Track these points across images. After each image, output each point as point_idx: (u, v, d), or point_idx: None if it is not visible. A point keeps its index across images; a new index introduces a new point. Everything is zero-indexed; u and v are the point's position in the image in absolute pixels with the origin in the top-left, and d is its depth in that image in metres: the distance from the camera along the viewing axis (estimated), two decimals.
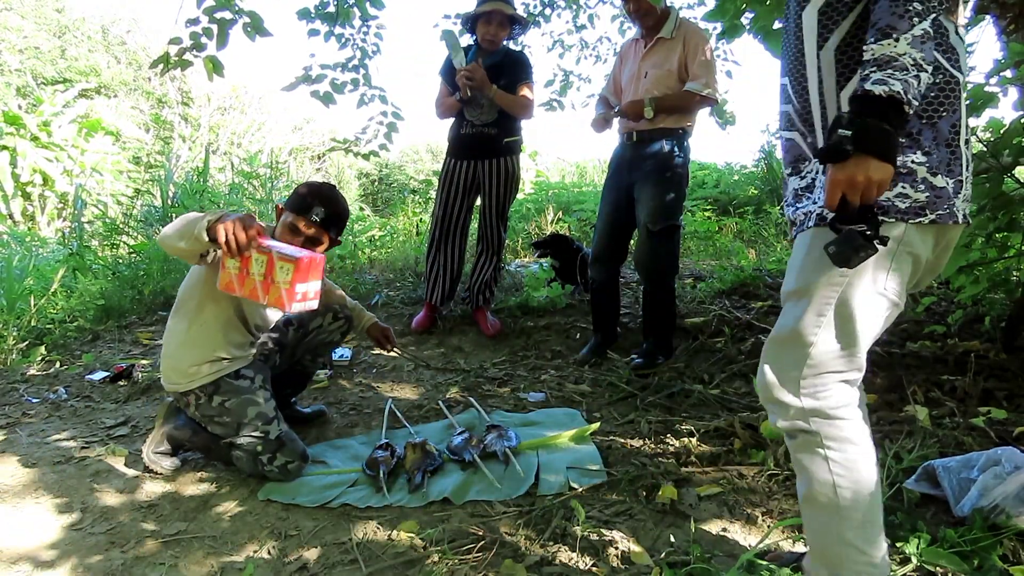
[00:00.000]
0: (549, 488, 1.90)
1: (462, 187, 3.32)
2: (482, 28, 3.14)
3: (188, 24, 3.03)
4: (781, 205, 5.94)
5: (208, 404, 2.00)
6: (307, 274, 1.59)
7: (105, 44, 16.40)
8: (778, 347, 1.14)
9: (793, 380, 1.10)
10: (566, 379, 2.84)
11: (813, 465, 1.12)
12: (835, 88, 1.08)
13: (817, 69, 1.11)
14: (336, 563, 1.61)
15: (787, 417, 1.13)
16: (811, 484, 1.14)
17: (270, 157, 8.61)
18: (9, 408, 2.72)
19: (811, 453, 1.12)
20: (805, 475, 1.15)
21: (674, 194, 2.77)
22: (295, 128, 17.98)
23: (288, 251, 1.59)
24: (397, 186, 14.76)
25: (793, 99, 1.18)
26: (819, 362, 1.09)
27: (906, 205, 1.02)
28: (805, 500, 1.17)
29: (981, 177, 2.15)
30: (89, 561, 1.65)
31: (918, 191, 1.02)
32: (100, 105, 12.28)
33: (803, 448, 1.13)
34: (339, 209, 1.98)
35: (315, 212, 1.90)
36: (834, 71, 1.08)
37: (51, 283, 4.12)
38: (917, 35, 0.93)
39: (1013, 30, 2.46)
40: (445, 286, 3.45)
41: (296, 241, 1.90)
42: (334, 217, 1.95)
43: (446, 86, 3.27)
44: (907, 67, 0.92)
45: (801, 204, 1.17)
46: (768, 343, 1.17)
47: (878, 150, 0.92)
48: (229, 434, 2.00)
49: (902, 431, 1.98)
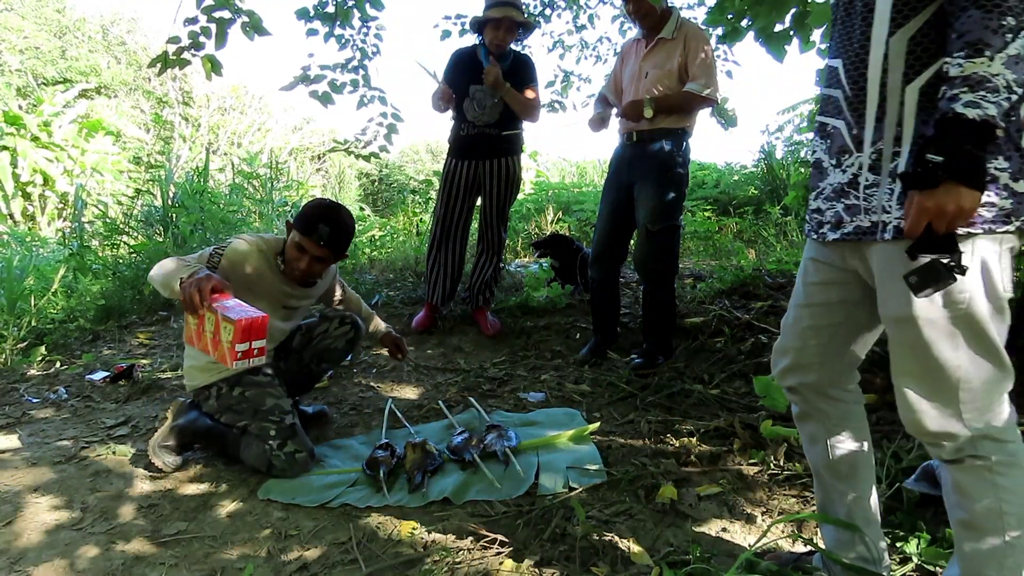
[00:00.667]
0: (549, 488, 1.90)
1: (464, 187, 3.32)
2: (490, 33, 3.15)
3: (187, 23, 3.03)
4: (781, 205, 5.94)
5: (229, 393, 2.08)
6: (247, 335, 1.67)
7: (105, 44, 16.41)
8: (919, 380, 1.05)
9: (953, 408, 1.03)
10: (566, 379, 2.84)
11: (979, 491, 1.05)
12: (901, 80, 1.02)
13: (883, 57, 1.03)
14: (336, 563, 1.61)
15: (954, 446, 1.04)
16: (974, 510, 1.07)
17: (270, 157, 8.61)
18: (9, 408, 2.72)
19: (978, 478, 1.05)
20: (967, 501, 1.07)
21: (674, 194, 2.77)
22: (295, 128, 17.99)
23: (233, 313, 1.67)
24: (397, 186, 14.76)
25: (844, 84, 1.10)
26: (973, 384, 1.02)
27: (992, 214, 0.97)
28: (964, 526, 1.10)
29: None
30: (89, 561, 1.65)
31: (1003, 198, 0.97)
32: (100, 105, 12.29)
33: (970, 473, 1.06)
34: (344, 230, 2.06)
35: (320, 233, 1.99)
36: (903, 61, 1.01)
37: (51, 283, 4.12)
38: (1012, 55, 0.87)
39: None
40: (446, 286, 3.45)
41: (303, 258, 2.03)
42: (339, 237, 2.05)
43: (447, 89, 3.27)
44: (999, 89, 0.87)
45: (842, 203, 1.11)
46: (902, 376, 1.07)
47: (970, 178, 0.89)
48: (244, 420, 2.06)
49: (902, 431, 1.98)
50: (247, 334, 1.66)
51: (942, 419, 1.04)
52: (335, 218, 2.03)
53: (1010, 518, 1.04)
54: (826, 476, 1.31)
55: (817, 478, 1.34)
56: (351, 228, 2.10)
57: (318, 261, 2.06)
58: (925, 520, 1.56)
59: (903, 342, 1.06)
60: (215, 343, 1.69)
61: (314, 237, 1.99)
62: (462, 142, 3.29)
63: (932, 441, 1.07)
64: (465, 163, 3.29)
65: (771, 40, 2.53)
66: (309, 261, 2.04)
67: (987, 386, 1.03)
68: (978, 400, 1.03)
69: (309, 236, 2.00)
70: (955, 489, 1.09)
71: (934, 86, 0.99)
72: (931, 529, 1.51)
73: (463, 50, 3.32)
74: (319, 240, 2.00)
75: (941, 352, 1.01)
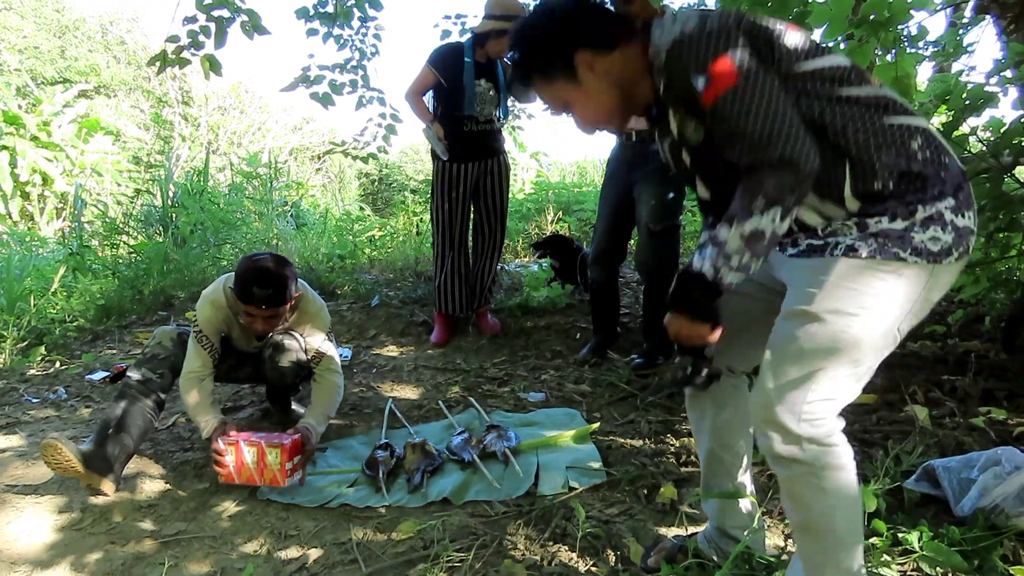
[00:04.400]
0: (549, 488, 1.90)
1: (465, 191, 3.24)
2: (495, 46, 3.10)
3: (186, 22, 3.02)
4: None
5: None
6: (293, 453, 1.92)
7: (105, 44, 16.42)
8: (783, 366, 1.09)
9: (796, 404, 1.06)
10: (566, 379, 2.84)
11: (809, 495, 1.10)
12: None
13: None
14: (336, 563, 1.61)
15: (786, 442, 1.08)
16: (806, 514, 1.12)
17: (270, 157, 8.61)
18: (9, 408, 2.72)
19: (806, 484, 1.09)
20: (800, 506, 1.12)
21: (674, 194, 2.77)
22: (295, 128, 17.99)
23: (276, 439, 1.92)
24: (397, 186, 14.76)
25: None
26: (826, 389, 1.06)
27: (938, 248, 1.05)
28: (800, 529, 1.15)
29: (981, 177, 2.15)
30: (89, 561, 1.65)
31: (947, 233, 1.05)
32: (100, 105, 12.28)
33: (798, 479, 1.10)
34: (278, 284, 2.00)
35: (258, 298, 1.99)
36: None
37: (51, 283, 4.12)
38: (751, 231, 1.03)
39: (1013, 30, 2.46)
40: (463, 293, 3.35)
41: (256, 321, 2.05)
42: (278, 294, 2.00)
43: (431, 73, 3.18)
44: (730, 256, 1.06)
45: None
46: (772, 357, 1.11)
47: (690, 311, 1.12)
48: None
49: (902, 431, 1.98)
50: (294, 452, 1.91)
51: (784, 410, 1.07)
52: (264, 278, 1.98)
53: (839, 520, 1.10)
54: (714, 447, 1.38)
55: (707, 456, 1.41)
56: (285, 277, 2.02)
57: (272, 318, 2.06)
58: (926, 520, 1.55)
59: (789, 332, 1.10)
60: (260, 470, 1.89)
61: (255, 303, 1.99)
62: (464, 141, 3.18)
63: (766, 430, 1.11)
64: (465, 166, 3.21)
65: None
66: (263, 321, 2.06)
67: (834, 398, 1.08)
68: (820, 407, 1.07)
69: (249, 304, 2.00)
70: (788, 496, 1.14)
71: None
72: (932, 529, 1.50)
73: (450, 45, 3.27)
74: (261, 305, 1.99)
75: (815, 350, 1.07)
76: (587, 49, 1.16)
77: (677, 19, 1.10)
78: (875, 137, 1.06)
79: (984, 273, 2.56)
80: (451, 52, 3.18)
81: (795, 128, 1.02)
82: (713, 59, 1.03)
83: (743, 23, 1.08)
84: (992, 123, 2.44)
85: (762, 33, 1.07)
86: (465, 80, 3.10)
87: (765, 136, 1.01)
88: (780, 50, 1.07)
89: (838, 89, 1.07)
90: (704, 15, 1.08)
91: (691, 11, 1.14)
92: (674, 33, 1.08)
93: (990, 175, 2.14)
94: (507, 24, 3.06)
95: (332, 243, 5.61)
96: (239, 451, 1.90)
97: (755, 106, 1.02)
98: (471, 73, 3.11)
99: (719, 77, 1.03)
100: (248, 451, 1.89)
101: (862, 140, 1.06)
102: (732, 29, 1.05)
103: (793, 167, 1.01)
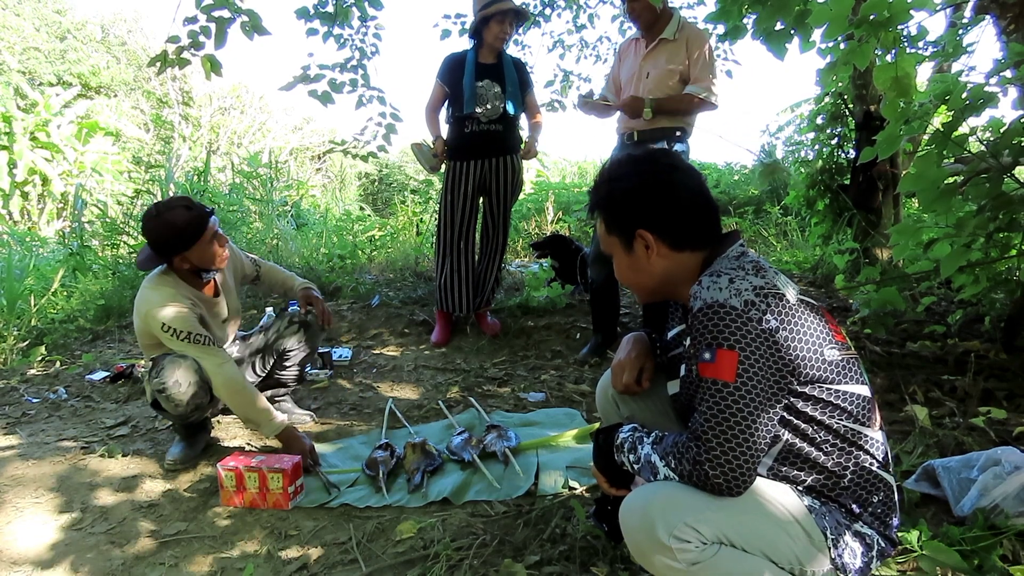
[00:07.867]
0: (549, 488, 1.90)
1: (470, 190, 3.24)
2: (496, 28, 3.11)
3: (186, 22, 3.02)
4: (781, 205, 5.95)
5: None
6: (295, 476, 1.91)
7: (105, 44, 16.43)
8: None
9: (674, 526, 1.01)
10: (566, 379, 2.84)
11: None
12: None
13: None
14: (336, 563, 1.61)
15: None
16: None
17: (270, 157, 8.61)
18: (9, 408, 2.72)
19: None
20: None
21: None
22: (295, 128, 18.01)
23: (276, 463, 1.91)
24: (397, 186, 14.75)
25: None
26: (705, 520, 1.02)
27: (865, 562, 1.10)
28: None
29: (981, 177, 2.14)
30: (89, 561, 1.65)
31: (874, 548, 1.11)
32: (100, 105, 12.29)
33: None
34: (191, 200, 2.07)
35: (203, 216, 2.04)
36: None
37: (51, 283, 4.12)
38: (662, 473, 1.10)
39: (1013, 30, 2.46)
40: (465, 293, 3.35)
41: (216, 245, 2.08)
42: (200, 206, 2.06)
43: (440, 87, 3.24)
44: (638, 461, 1.16)
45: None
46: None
47: (603, 472, 1.26)
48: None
49: (902, 431, 1.98)
50: (295, 475, 1.91)
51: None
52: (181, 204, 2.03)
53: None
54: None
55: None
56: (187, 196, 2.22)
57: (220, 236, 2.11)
58: (925, 519, 1.55)
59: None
60: (262, 495, 1.89)
61: (207, 226, 2.03)
62: (467, 141, 3.20)
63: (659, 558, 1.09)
64: (470, 164, 3.22)
65: (772, 38, 2.52)
66: (217, 243, 2.09)
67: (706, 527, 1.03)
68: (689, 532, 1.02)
69: (202, 231, 2.02)
70: None
71: None
72: (932, 528, 1.50)
73: (456, 54, 3.30)
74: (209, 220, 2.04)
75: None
76: (653, 234, 1.16)
77: (722, 276, 1.08)
78: (850, 475, 1.10)
79: (984, 273, 2.56)
80: (456, 60, 3.23)
81: (755, 453, 1.02)
82: (725, 347, 1.04)
83: (771, 329, 1.04)
84: (992, 123, 2.44)
85: (784, 347, 1.04)
86: (465, 80, 3.13)
87: (726, 440, 1.02)
88: (797, 369, 1.06)
89: (841, 421, 1.09)
90: (738, 286, 1.05)
91: (733, 268, 1.10)
92: (711, 296, 1.06)
93: (990, 175, 2.14)
94: (497, 5, 3.07)
95: (332, 243, 5.61)
96: (240, 477, 1.89)
97: (734, 413, 1.02)
98: (471, 74, 3.14)
99: (718, 368, 1.04)
100: (250, 477, 1.89)
101: (839, 472, 1.10)
102: (756, 320, 1.03)
103: (729, 482, 1.02)
